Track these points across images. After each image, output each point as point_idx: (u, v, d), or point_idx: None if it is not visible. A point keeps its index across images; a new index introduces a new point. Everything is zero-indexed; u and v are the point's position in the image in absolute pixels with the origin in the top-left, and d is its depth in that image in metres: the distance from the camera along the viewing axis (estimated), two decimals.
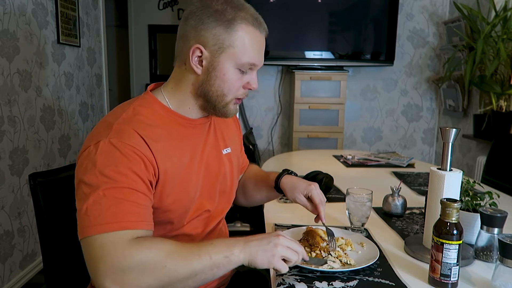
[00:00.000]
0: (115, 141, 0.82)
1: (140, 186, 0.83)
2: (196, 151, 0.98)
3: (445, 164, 0.97)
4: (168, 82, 0.98)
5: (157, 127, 0.90)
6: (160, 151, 0.88)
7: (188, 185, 0.95)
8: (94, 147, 0.83)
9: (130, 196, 0.80)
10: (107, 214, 0.77)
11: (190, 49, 0.90)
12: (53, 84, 2.62)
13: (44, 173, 1.07)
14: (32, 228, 2.37)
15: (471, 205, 1.08)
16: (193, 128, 0.98)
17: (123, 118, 0.88)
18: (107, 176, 0.79)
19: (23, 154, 2.29)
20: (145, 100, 0.95)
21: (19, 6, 2.23)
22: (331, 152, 2.40)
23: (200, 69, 0.91)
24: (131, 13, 5.35)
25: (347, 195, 1.15)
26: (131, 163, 0.82)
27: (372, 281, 0.88)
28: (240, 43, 0.89)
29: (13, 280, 2.21)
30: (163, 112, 0.94)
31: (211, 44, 0.89)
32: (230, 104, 0.95)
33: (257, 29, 0.91)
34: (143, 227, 0.81)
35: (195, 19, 0.90)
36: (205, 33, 0.89)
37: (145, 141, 0.85)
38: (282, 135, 3.69)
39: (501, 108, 2.59)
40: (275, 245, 0.80)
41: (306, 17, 3.25)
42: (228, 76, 0.91)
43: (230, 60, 0.90)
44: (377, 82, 3.64)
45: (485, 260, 0.98)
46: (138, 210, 0.81)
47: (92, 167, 0.81)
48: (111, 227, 0.77)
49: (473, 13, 2.82)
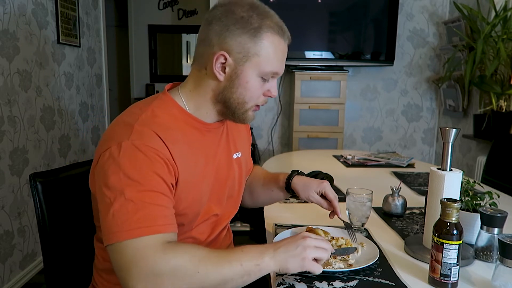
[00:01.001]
0: (138, 143, 0.82)
1: (164, 189, 0.83)
2: (210, 155, 0.98)
3: (445, 164, 0.97)
4: (186, 83, 0.97)
5: (174, 130, 0.90)
6: (178, 154, 0.87)
7: (200, 189, 0.95)
8: (116, 148, 0.81)
9: (157, 199, 0.80)
10: (136, 218, 0.77)
11: (214, 55, 0.89)
12: (53, 84, 2.62)
13: (44, 173, 1.06)
14: (32, 228, 2.37)
15: (471, 205, 1.08)
16: (208, 132, 0.98)
17: (143, 119, 0.87)
18: (133, 179, 0.79)
19: (23, 154, 2.29)
20: (162, 101, 0.94)
21: (19, 6, 2.23)
22: (331, 152, 2.40)
23: (223, 76, 0.91)
24: (131, 13, 5.35)
25: (347, 195, 1.15)
26: (154, 166, 0.82)
27: (372, 281, 0.88)
28: (265, 52, 0.89)
29: (13, 280, 2.21)
30: (180, 114, 0.94)
31: (236, 52, 0.88)
32: (249, 111, 0.95)
33: (282, 37, 0.91)
34: (171, 230, 0.81)
35: (219, 25, 0.88)
36: (230, 40, 0.88)
37: (165, 143, 0.85)
38: (282, 135, 3.69)
39: (501, 108, 2.59)
40: (304, 248, 0.80)
41: (306, 17, 3.25)
42: (250, 84, 0.91)
43: (254, 69, 0.90)
44: (377, 82, 3.64)
45: (485, 260, 0.98)
46: (165, 213, 0.81)
47: (116, 170, 0.80)
48: (142, 232, 0.76)
49: (473, 13, 2.82)
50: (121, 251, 0.76)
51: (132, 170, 0.79)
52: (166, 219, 0.81)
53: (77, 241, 1.09)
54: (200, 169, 0.94)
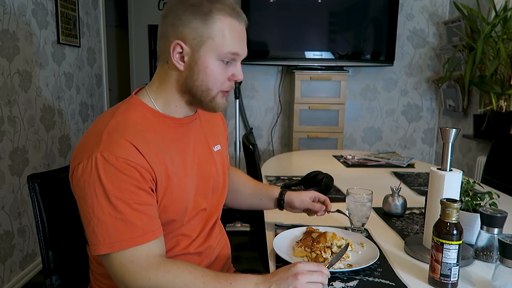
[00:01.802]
0: (107, 155, 0.81)
1: (142, 197, 0.83)
2: (187, 150, 0.98)
3: (445, 164, 0.97)
4: (152, 82, 0.98)
5: (146, 131, 0.89)
6: (152, 155, 0.87)
7: (184, 185, 0.95)
8: (87, 162, 0.82)
9: (134, 211, 0.82)
10: (115, 232, 0.81)
11: (171, 46, 0.89)
12: (53, 84, 2.62)
13: (42, 174, 1.06)
14: (32, 228, 2.37)
15: (471, 205, 1.08)
16: (180, 127, 0.98)
17: (112, 126, 0.86)
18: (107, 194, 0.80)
19: (23, 154, 2.29)
20: (131, 104, 0.94)
21: (19, 6, 2.23)
22: (331, 152, 2.40)
23: (182, 65, 0.91)
24: (131, 13, 5.35)
25: (347, 195, 1.15)
26: (128, 177, 0.82)
27: (372, 281, 0.88)
28: (219, 34, 0.88)
29: (13, 280, 2.21)
30: (150, 114, 0.93)
31: (191, 38, 0.89)
32: (217, 98, 0.94)
33: (235, 19, 0.90)
34: (153, 238, 0.83)
35: (172, 16, 0.90)
36: (183, 28, 0.88)
37: (137, 148, 0.84)
38: (282, 135, 3.69)
39: (501, 108, 2.59)
40: (295, 276, 0.78)
41: (306, 17, 3.26)
42: (211, 69, 0.90)
43: (211, 52, 0.89)
44: (377, 82, 3.64)
45: (485, 260, 0.98)
46: (143, 224, 0.82)
47: (91, 186, 0.81)
48: (123, 245, 0.81)
49: (473, 13, 2.82)
50: (109, 263, 0.82)
51: (105, 185, 0.80)
52: (146, 228, 0.83)
53: (76, 242, 1.08)
54: (179, 165, 0.94)
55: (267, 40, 3.31)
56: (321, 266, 0.82)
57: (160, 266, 0.81)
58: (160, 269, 0.80)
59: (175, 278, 0.80)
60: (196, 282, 0.80)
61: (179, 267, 0.82)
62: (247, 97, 3.63)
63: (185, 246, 0.98)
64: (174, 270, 0.81)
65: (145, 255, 0.82)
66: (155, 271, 0.80)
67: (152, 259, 0.82)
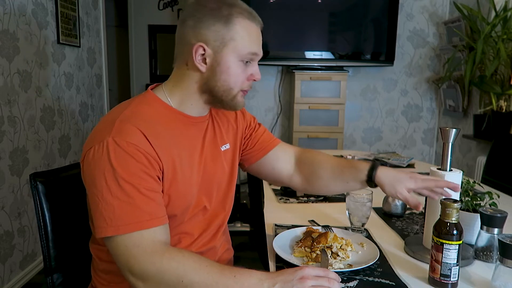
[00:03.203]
0: (118, 140, 0.84)
1: (150, 183, 0.85)
2: (195, 147, 0.99)
3: (445, 164, 0.97)
4: (168, 81, 1.00)
5: (157, 124, 0.92)
6: (161, 147, 0.89)
7: (190, 181, 0.96)
8: (99, 147, 0.84)
9: (142, 196, 0.83)
10: (122, 215, 0.81)
11: (193, 48, 0.91)
12: (53, 84, 2.62)
13: (45, 173, 1.06)
14: (32, 228, 2.37)
15: (471, 205, 1.08)
16: (192, 125, 0.99)
17: (124, 115, 0.90)
18: (116, 177, 0.82)
19: (23, 154, 2.29)
20: (145, 98, 0.97)
21: (19, 6, 2.23)
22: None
23: (205, 67, 0.93)
24: (131, 13, 5.35)
25: (347, 195, 1.15)
26: (136, 161, 0.84)
27: (372, 281, 0.88)
28: (240, 35, 0.92)
29: (13, 280, 2.21)
30: (164, 109, 0.96)
31: (212, 40, 0.92)
32: (237, 97, 0.97)
33: (253, 22, 0.95)
34: (158, 223, 0.84)
35: (193, 20, 0.92)
36: (205, 31, 0.91)
37: (146, 137, 0.87)
38: (282, 135, 3.69)
39: (501, 108, 2.59)
40: (301, 279, 0.78)
41: (306, 17, 3.26)
42: (232, 69, 0.93)
43: (233, 53, 0.93)
44: (377, 82, 3.64)
45: (485, 260, 0.98)
46: (151, 208, 0.84)
47: (101, 169, 0.83)
48: (129, 228, 0.81)
49: (473, 13, 2.82)
50: (114, 246, 0.83)
51: (115, 169, 0.82)
52: (153, 213, 0.84)
53: (77, 241, 1.09)
54: (186, 161, 0.95)
55: (267, 40, 3.31)
56: (328, 272, 0.81)
57: (165, 253, 0.81)
58: (165, 255, 0.81)
59: (179, 265, 0.80)
60: (201, 271, 0.80)
61: (184, 255, 0.82)
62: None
63: (187, 244, 0.99)
64: (179, 257, 0.81)
65: (151, 240, 0.82)
66: (160, 257, 0.80)
67: (157, 245, 0.82)
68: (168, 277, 0.80)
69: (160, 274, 0.80)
